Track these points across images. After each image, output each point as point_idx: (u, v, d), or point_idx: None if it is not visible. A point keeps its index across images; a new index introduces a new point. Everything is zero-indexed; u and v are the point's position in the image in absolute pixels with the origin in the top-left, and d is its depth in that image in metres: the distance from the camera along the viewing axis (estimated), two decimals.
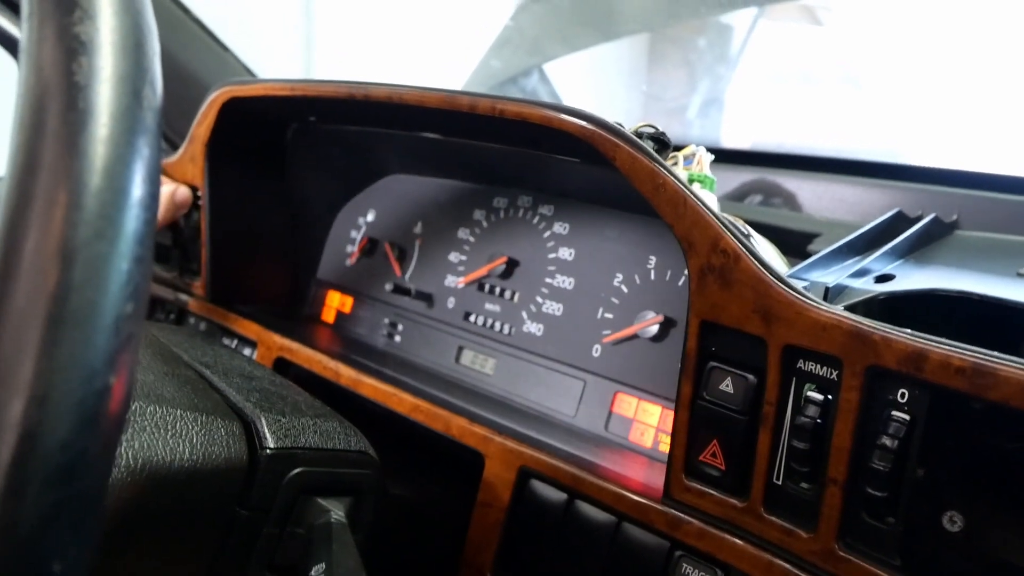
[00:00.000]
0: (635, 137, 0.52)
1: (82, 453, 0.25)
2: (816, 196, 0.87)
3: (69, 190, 0.26)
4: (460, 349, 0.81)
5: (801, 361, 0.48)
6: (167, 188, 0.86)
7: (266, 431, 0.50)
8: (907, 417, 0.44)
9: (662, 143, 0.57)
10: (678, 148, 0.78)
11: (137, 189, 0.27)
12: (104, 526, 0.37)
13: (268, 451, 0.50)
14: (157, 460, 0.44)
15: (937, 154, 0.84)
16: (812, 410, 0.47)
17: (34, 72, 0.28)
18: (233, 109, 0.82)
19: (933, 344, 0.42)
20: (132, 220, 0.27)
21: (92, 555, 0.26)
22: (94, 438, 0.26)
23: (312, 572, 0.45)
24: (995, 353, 0.41)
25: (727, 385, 0.50)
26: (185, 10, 1.14)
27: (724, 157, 0.95)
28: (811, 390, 0.47)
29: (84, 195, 0.26)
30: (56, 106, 0.27)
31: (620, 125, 0.56)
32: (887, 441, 0.44)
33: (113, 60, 0.28)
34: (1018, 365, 0.39)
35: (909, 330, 0.43)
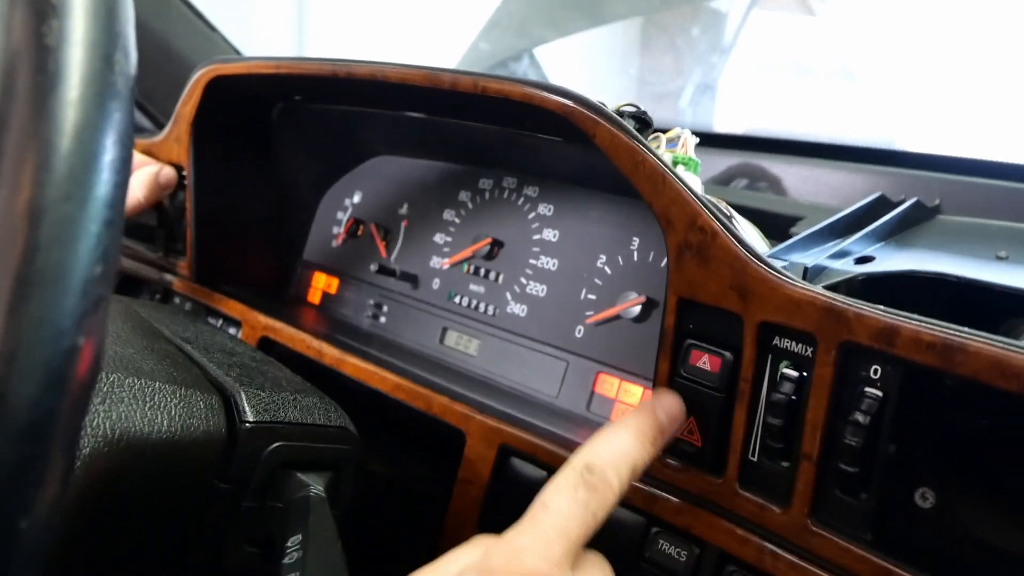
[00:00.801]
0: (616, 115, 0.52)
1: (49, 412, 0.25)
2: (801, 180, 0.88)
3: (37, 152, 0.26)
4: (444, 330, 0.81)
5: (777, 338, 0.48)
6: (152, 168, 0.86)
7: (246, 405, 0.51)
8: (880, 393, 0.44)
9: (643, 122, 0.57)
10: (664, 131, 0.79)
11: (107, 152, 0.28)
12: (72, 487, 0.37)
13: (247, 424, 0.50)
14: (135, 431, 0.44)
15: (921, 139, 0.85)
16: (787, 387, 0.47)
17: (5, 35, 0.28)
18: (218, 88, 0.82)
19: (904, 320, 0.42)
20: (101, 183, 0.27)
21: (59, 515, 0.27)
22: (62, 398, 0.26)
23: (288, 544, 0.45)
24: (965, 329, 0.41)
25: (704, 363, 0.51)
26: None
27: (711, 141, 0.95)
28: (786, 367, 0.48)
29: (52, 157, 0.26)
30: (26, 69, 0.27)
31: (602, 104, 0.56)
32: (860, 417, 0.44)
33: (84, 24, 0.28)
34: (987, 340, 0.40)
35: (882, 306, 0.44)
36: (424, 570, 0.42)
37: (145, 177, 0.84)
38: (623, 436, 0.47)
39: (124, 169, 0.28)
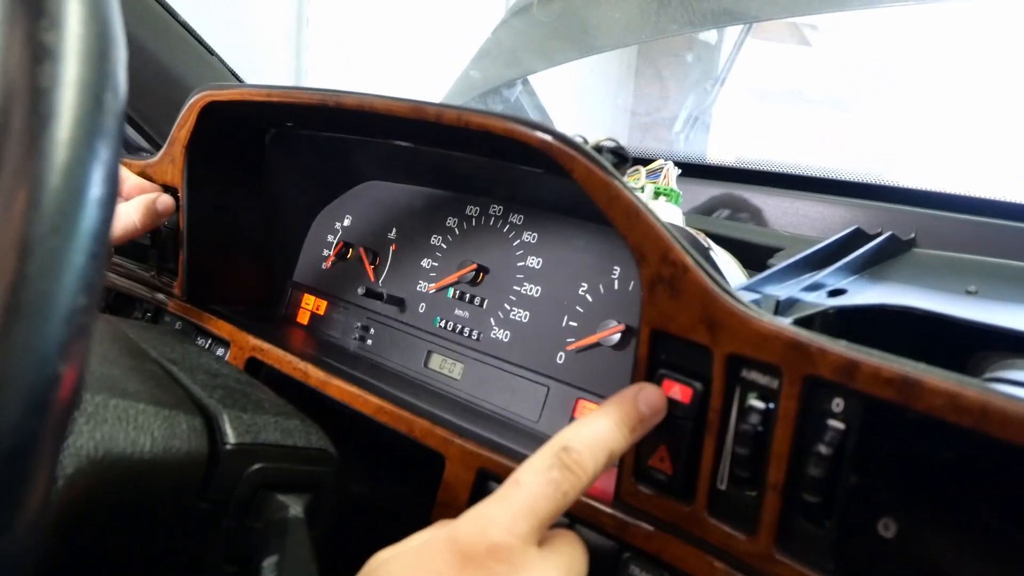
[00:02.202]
0: (593, 151, 0.54)
1: (31, 436, 0.27)
2: (781, 211, 0.89)
3: (28, 188, 0.28)
4: (429, 353, 0.82)
5: (744, 370, 0.49)
6: (150, 195, 0.87)
7: (228, 427, 0.52)
8: (842, 426, 0.46)
9: (621, 156, 0.59)
10: (649, 162, 0.80)
11: (94, 189, 0.29)
12: (55, 505, 0.39)
13: (229, 446, 0.51)
14: (118, 451, 0.45)
15: (900, 172, 0.86)
16: (754, 418, 0.49)
17: (1, 76, 0.29)
18: (213, 113, 0.83)
19: (865, 355, 0.44)
20: (88, 218, 0.29)
21: (39, 536, 0.28)
22: (43, 422, 0.27)
23: (264, 564, 0.46)
24: (923, 365, 0.43)
25: (675, 392, 0.52)
26: (172, 13, 1.16)
27: (695, 172, 0.97)
28: (754, 398, 0.49)
29: (42, 193, 0.28)
30: (20, 109, 0.29)
31: (583, 139, 0.58)
32: (823, 449, 0.46)
33: (76, 67, 0.30)
34: (942, 376, 0.41)
35: (845, 342, 0.45)
36: (391, 547, 0.44)
37: (142, 203, 0.85)
38: (603, 422, 0.48)
39: (110, 204, 0.30)
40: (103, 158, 0.30)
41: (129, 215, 0.84)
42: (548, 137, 0.56)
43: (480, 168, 0.79)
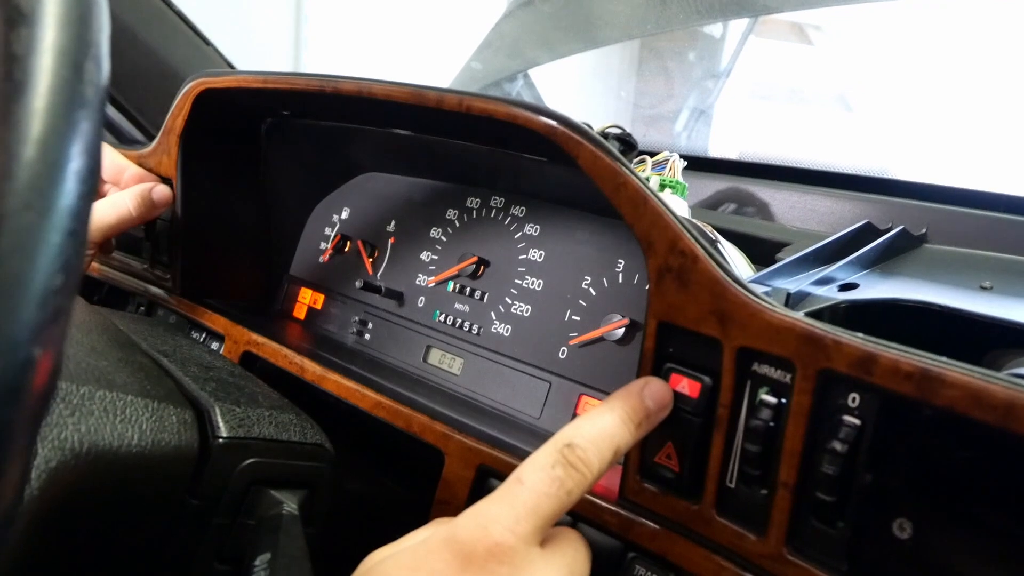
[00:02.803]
0: (599, 137, 0.52)
1: (3, 424, 0.25)
2: (789, 206, 0.88)
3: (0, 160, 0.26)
4: (428, 348, 0.80)
5: (756, 364, 0.48)
6: (146, 185, 0.85)
7: (219, 420, 0.50)
8: (858, 422, 0.44)
9: (628, 144, 0.57)
10: (653, 154, 0.79)
11: (72, 162, 0.27)
12: (38, 500, 0.37)
13: (220, 440, 0.49)
14: (104, 444, 0.44)
15: (910, 168, 0.85)
16: (765, 413, 0.47)
17: None
18: (207, 101, 0.82)
19: (883, 348, 0.42)
20: (65, 193, 0.27)
21: (11, 529, 0.26)
22: (16, 410, 0.25)
23: (256, 562, 0.45)
24: (944, 358, 0.41)
25: (683, 387, 0.50)
26: (168, 3, 1.14)
27: (701, 165, 0.96)
28: (765, 393, 0.47)
29: (14, 165, 0.26)
30: None
31: (588, 125, 0.56)
32: (837, 446, 0.44)
33: (54, 32, 0.28)
34: (966, 370, 0.40)
35: (861, 334, 0.44)
36: (387, 546, 0.43)
37: (138, 192, 0.83)
38: (608, 417, 0.47)
39: (90, 179, 0.28)
40: (82, 130, 0.28)
41: (124, 204, 0.82)
42: (553, 122, 0.54)
43: (481, 158, 0.78)
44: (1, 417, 0.25)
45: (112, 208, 0.81)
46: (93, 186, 0.29)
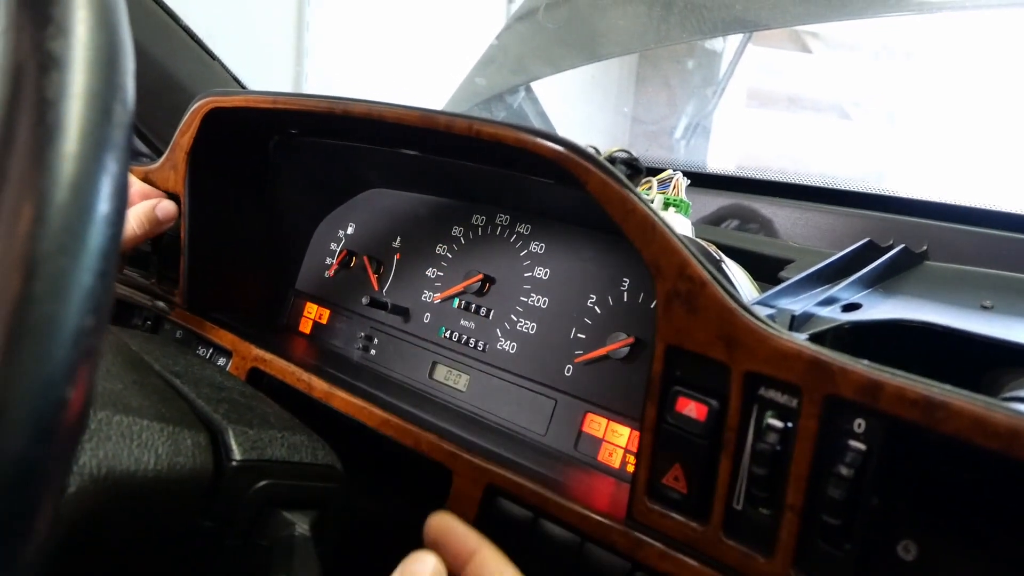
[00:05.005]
0: (607, 163, 0.53)
1: (37, 463, 0.26)
2: (791, 223, 0.88)
3: (34, 204, 0.26)
4: (434, 364, 0.81)
5: (763, 388, 0.48)
6: (150, 202, 0.86)
7: (233, 443, 0.51)
8: (863, 447, 0.45)
9: (635, 168, 0.58)
10: (657, 171, 0.79)
11: (102, 205, 0.28)
12: (56, 537, 0.37)
13: (234, 463, 0.50)
14: (121, 469, 0.44)
15: (910, 185, 0.85)
16: (772, 437, 0.48)
17: (6, 86, 0.28)
18: (216, 119, 0.82)
19: (889, 376, 0.43)
20: (96, 235, 0.28)
21: (42, 564, 0.27)
22: (50, 448, 0.26)
23: None
24: (948, 386, 0.42)
25: (690, 410, 0.51)
26: (174, 18, 1.14)
27: (703, 181, 0.96)
28: (772, 417, 0.48)
29: (48, 209, 0.27)
30: (26, 121, 0.28)
31: (595, 149, 0.57)
32: (843, 470, 0.45)
33: (84, 77, 0.29)
34: (970, 399, 0.40)
35: (867, 361, 0.44)
36: None
37: (143, 209, 0.83)
38: None
39: (119, 221, 0.29)
40: (112, 172, 0.28)
41: (128, 221, 0.82)
42: (561, 148, 0.55)
43: (486, 177, 0.78)
44: (37, 455, 0.25)
45: None
46: (120, 227, 0.29)
